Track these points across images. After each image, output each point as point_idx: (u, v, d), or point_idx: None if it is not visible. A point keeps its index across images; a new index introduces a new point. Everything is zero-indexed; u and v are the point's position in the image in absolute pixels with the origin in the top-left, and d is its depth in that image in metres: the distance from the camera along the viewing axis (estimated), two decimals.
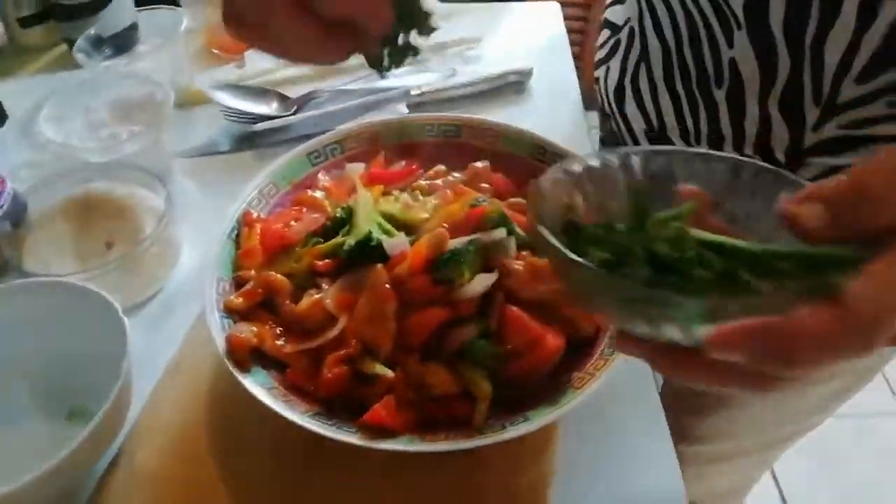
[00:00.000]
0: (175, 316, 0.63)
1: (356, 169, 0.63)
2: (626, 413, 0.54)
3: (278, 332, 0.52)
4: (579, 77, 0.90)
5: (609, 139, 0.76)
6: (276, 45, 0.37)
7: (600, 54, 0.73)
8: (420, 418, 0.48)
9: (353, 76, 0.88)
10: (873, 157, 0.30)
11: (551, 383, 0.50)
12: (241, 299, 0.53)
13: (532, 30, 0.98)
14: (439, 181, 0.62)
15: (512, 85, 0.86)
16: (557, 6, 1.03)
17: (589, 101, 0.85)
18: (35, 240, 0.62)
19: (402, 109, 0.82)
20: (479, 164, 0.63)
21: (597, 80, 0.75)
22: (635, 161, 0.40)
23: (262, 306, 0.54)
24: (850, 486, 1.52)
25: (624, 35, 0.68)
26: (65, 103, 0.72)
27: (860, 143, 0.51)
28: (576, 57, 0.94)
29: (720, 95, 0.57)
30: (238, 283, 0.55)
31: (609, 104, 0.72)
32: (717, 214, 0.38)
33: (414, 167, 0.65)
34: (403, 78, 0.86)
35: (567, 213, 0.39)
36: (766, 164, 0.37)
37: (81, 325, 0.52)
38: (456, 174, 0.64)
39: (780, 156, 0.56)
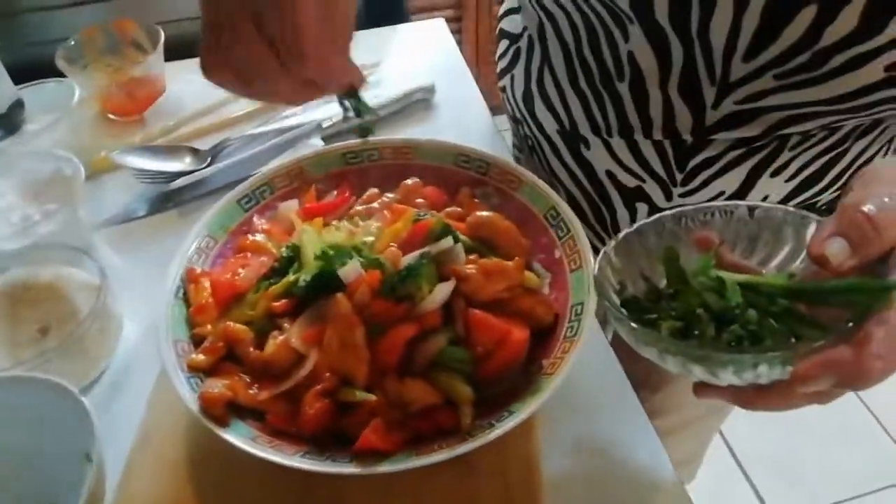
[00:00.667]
0: (127, 390, 0.61)
1: (291, 206, 0.63)
2: (595, 392, 0.57)
3: (247, 381, 0.51)
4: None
5: (522, 143, 0.79)
6: (257, 94, 0.43)
7: (502, 64, 0.76)
8: (409, 435, 0.48)
9: (260, 120, 0.87)
10: (858, 184, 0.36)
11: (524, 375, 0.52)
12: (203, 356, 0.52)
13: (425, 47, 1.01)
14: (375, 204, 0.64)
15: (418, 103, 0.88)
16: (443, 21, 1.06)
17: (493, 106, 0.89)
18: None
19: (317, 143, 0.82)
20: (409, 182, 0.65)
21: (503, 88, 0.78)
22: (648, 227, 0.47)
23: (224, 359, 0.53)
24: (789, 424, 1.62)
25: (524, 43, 0.71)
26: None
27: (756, 115, 0.55)
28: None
29: (623, 88, 0.59)
30: (195, 341, 0.54)
31: (519, 110, 0.74)
32: (734, 254, 0.44)
33: (346, 195, 0.65)
34: (311, 112, 0.86)
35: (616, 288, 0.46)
36: (762, 204, 0.43)
37: (40, 418, 0.50)
38: (389, 195, 0.65)
39: (687, 136, 0.59)
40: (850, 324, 0.35)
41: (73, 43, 0.88)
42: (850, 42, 0.46)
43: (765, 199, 0.61)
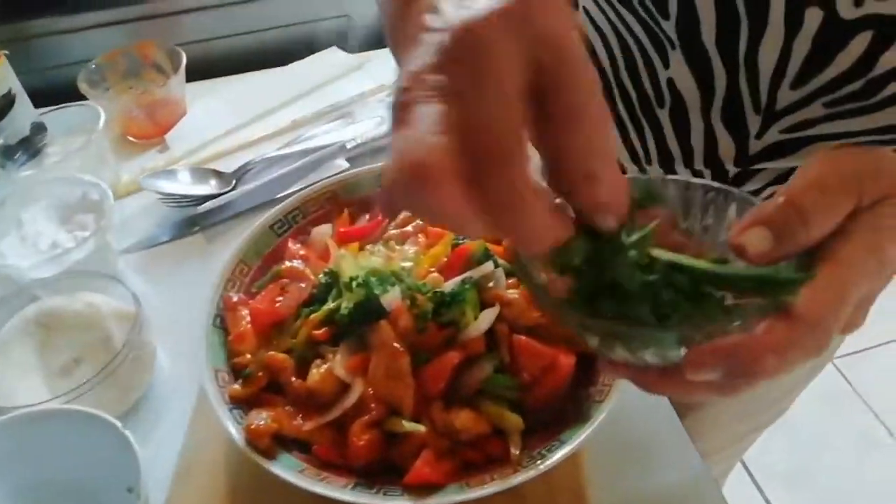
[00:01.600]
0: (164, 419, 0.60)
1: (325, 231, 0.63)
2: (640, 420, 0.56)
3: (290, 411, 0.50)
4: None
5: None
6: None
7: None
8: (458, 464, 0.48)
9: (282, 142, 0.87)
10: (800, 173, 0.33)
11: (571, 403, 0.51)
12: (245, 387, 0.51)
13: None
14: (409, 228, 0.63)
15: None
16: None
17: None
18: None
19: (341, 164, 0.82)
20: None
21: None
22: None
23: (265, 389, 0.52)
24: (800, 435, 1.62)
25: None
26: None
27: (803, 144, 0.53)
28: None
29: (663, 115, 0.58)
30: (234, 371, 0.53)
31: None
32: (677, 231, 0.40)
33: (379, 219, 0.65)
34: (336, 133, 0.86)
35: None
36: (714, 183, 0.40)
37: (82, 451, 0.49)
38: None
39: (730, 166, 0.57)
40: (746, 315, 0.33)
41: (94, 66, 0.88)
42: None
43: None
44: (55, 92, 0.86)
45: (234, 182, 0.80)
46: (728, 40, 0.49)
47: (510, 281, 0.55)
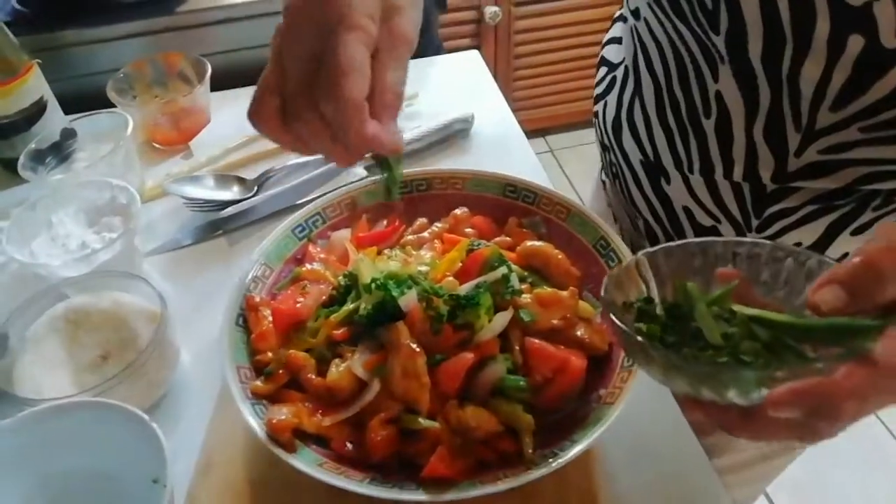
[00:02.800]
0: (185, 415, 0.62)
1: (344, 236, 0.64)
2: (650, 424, 0.57)
3: (310, 407, 0.52)
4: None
5: (608, 169, 0.79)
6: (309, 153, 0.47)
7: (598, 90, 0.77)
8: (472, 462, 0.49)
9: None
10: (878, 235, 0.36)
11: (581, 404, 0.53)
12: (267, 383, 0.53)
13: (460, 79, 1.04)
14: (425, 234, 0.65)
15: (457, 133, 0.90)
16: (477, 53, 1.09)
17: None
18: (24, 366, 0.60)
19: (359, 172, 0.84)
20: (458, 212, 0.66)
21: (595, 114, 0.79)
22: (675, 251, 0.46)
23: (285, 386, 0.54)
24: (811, 448, 1.61)
25: (620, 72, 0.72)
26: (25, 222, 0.70)
27: (840, 167, 0.56)
28: None
29: (709, 126, 0.60)
30: (256, 368, 0.55)
31: (608, 136, 0.75)
32: (755, 293, 0.43)
33: (396, 225, 0.67)
34: None
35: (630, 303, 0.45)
36: (790, 247, 0.43)
37: (109, 442, 0.51)
38: (437, 224, 0.66)
39: (767, 180, 0.59)
40: (825, 359, 0.35)
41: (122, 75, 0.90)
42: None
43: (842, 257, 0.58)
44: (84, 99, 0.89)
45: (255, 188, 0.83)
46: (773, 58, 0.51)
47: (523, 286, 0.57)
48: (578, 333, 0.55)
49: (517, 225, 0.66)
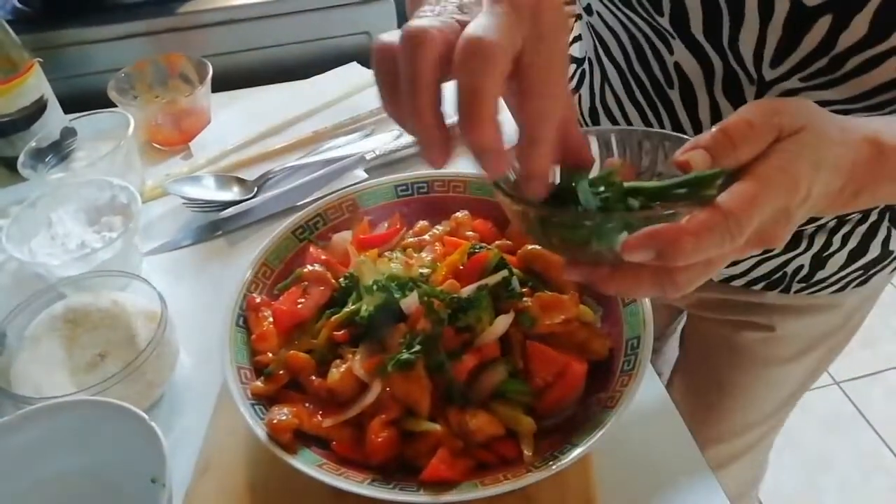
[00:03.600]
0: (184, 415, 0.62)
1: (345, 237, 0.64)
2: (649, 428, 0.57)
3: (310, 408, 0.52)
4: None
5: None
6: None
7: (571, 85, 0.82)
8: (472, 464, 0.49)
9: (302, 152, 0.90)
10: (739, 110, 0.40)
11: (582, 408, 0.53)
12: (267, 384, 0.53)
13: None
14: (426, 236, 0.65)
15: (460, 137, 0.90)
16: None
17: None
18: (22, 365, 0.60)
19: (360, 174, 0.84)
20: (459, 214, 0.66)
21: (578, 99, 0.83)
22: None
23: (285, 386, 0.54)
24: (806, 456, 1.63)
25: (586, 66, 0.77)
26: (24, 220, 0.70)
27: None
28: None
29: (674, 95, 0.65)
30: (256, 369, 0.55)
31: (586, 125, 0.79)
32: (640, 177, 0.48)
33: (397, 227, 0.67)
34: (355, 145, 0.89)
35: None
36: (664, 132, 0.47)
37: (108, 441, 0.51)
38: (438, 227, 0.66)
39: None
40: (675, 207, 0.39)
41: (123, 75, 0.90)
42: (863, 46, 0.50)
43: None
44: (84, 99, 0.89)
45: (255, 189, 0.83)
46: (714, 30, 0.56)
47: (524, 290, 0.57)
48: (579, 337, 0.55)
49: (518, 229, 0.66)
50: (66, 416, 0.52)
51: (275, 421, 0.49)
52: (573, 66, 0.82)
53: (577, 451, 0.47)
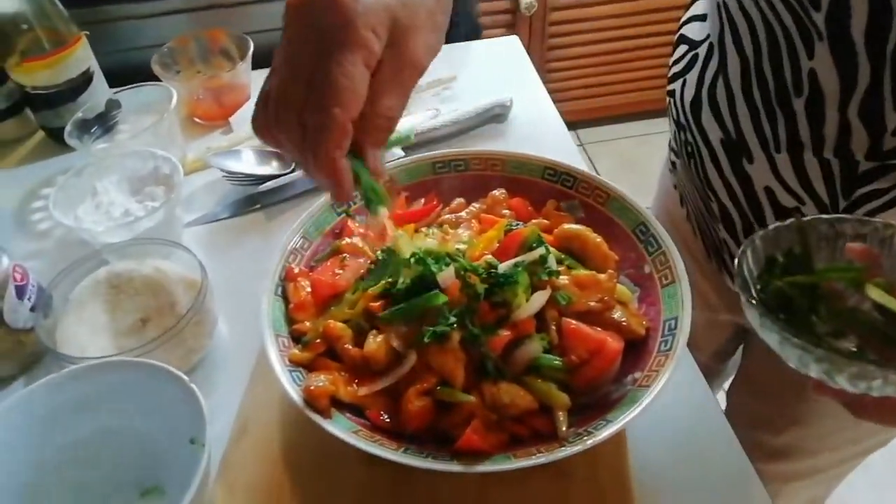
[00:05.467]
0: (220, 383, 0.63)
1: (382, 213, 0.65)
2: (683, 409, 0.57)
3: (346, 377, 0.53)
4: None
5: (681, 149, 0.77)
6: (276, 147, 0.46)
7: (676, 69, 0.75)
8: (505, 437, 0.49)
9: None
10: None
11: (617, 387, 0.53)
12: (305, 351, 0.53)
13: (498, 64, 1.03)
14: (462, 213, 0.65)
15: (494, 118, 0.90)
16: (517, 39, 1.08)
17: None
18: (67, 327, 0.61)
19: (397, 152, 0.84)
20: (496, 192, 0.66)
21: (671, 93, 0.76)
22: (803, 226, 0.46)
23: (322, 355, 0.55)
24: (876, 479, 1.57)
25: (702, 50, 0.69)
26: (71, 188, 0.72)
27: None
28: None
29: (799, 105, 0.57)
30: (294, 337, 0.56)
31: (684, 115, 0.73)
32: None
33: (434, 203, 0.67)
34: None
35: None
36: None
37: (148, 401, 0.52)
38: (475, 205, 0.66)
39: (860, 157, 0.57)
40: None
41: (166, 49, 0.92)
42: None
43: None
44: (127, 73, 0.90)
45: (293, 165, 0.83)
46: (878, 35, 0.49)
47: (560, 268, 0.57)
48: (615, 316, 0.55)
49: (555, 208, 0.66)
50: (109, 376, 0.53)
51: (312, 387, 0.49)
52: (684, 48, 0.73)
53: (611, 428, 0.47)
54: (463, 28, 1.12)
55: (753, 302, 0.41)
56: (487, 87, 0.95)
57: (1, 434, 0.50)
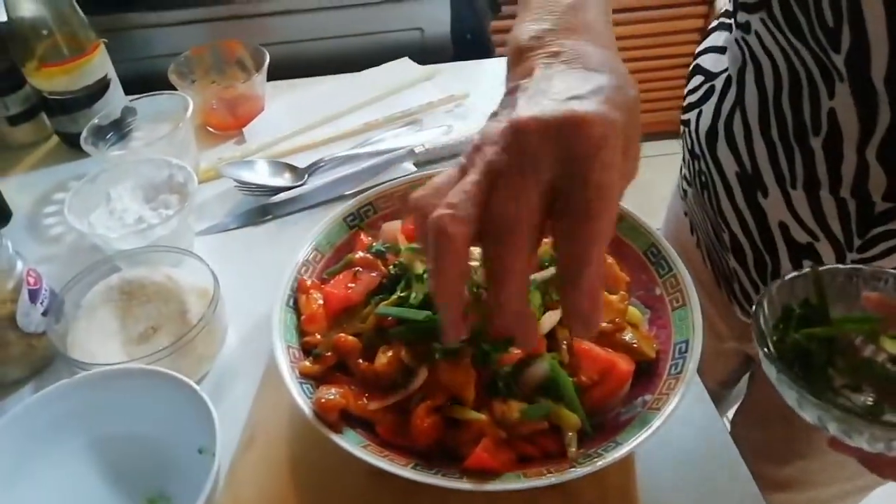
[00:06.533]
0: (229, 393, 0.63)
1: (394, 227, 0.65)
2: (691, 433, 0.57)
3: (356, 391, 0.53)
4: None
5: (694, 178, 0.77)
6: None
7: (691, 98, 0.75)
8: (514, 456, 0.49)
9: (352, 143, 0.91)
10: None
11: (626, 409, 0.53)
12: (315, 364, 0.53)
13: None
14: None
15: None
16: None
17: None
18: (78, 332, 0.62)
19: (409, 167, 0.85)
20: None
21: (685, 122, 0.76)
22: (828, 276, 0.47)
23: (332, 368, 0.55)
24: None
25: (719, 82, 0.69)
26: (85, 194, 0.72)
27: None
28: None
29: (816, 144, 0.57)
30: (304, 349, 0.56)
31: (699, 145, 0.73)
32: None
33: None
34: (404, 138, 0.89)
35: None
36: None
37: (157, 409, 0.52)
38: None
39: (877, 198, 0.57)
40: None
41: (183, 59, 0.93)
42: None
43: None
44: (143, 81, 0.91)
45: (305, 177, 0.84)
46: None
47: None
48: (626, 338, 0.55)
49: None
50: (119, 382, 0.53)
51: (322, 400, 0.49)
52: (700, 79, 0.73)
53: (622, 450, 0.47)
54: (480, 53, 1.13)
55: (770, 355, 0.42)
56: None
57: (10, 440, 0.50)
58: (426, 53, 1.09)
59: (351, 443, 0.48)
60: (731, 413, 0.97)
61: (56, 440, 0.52)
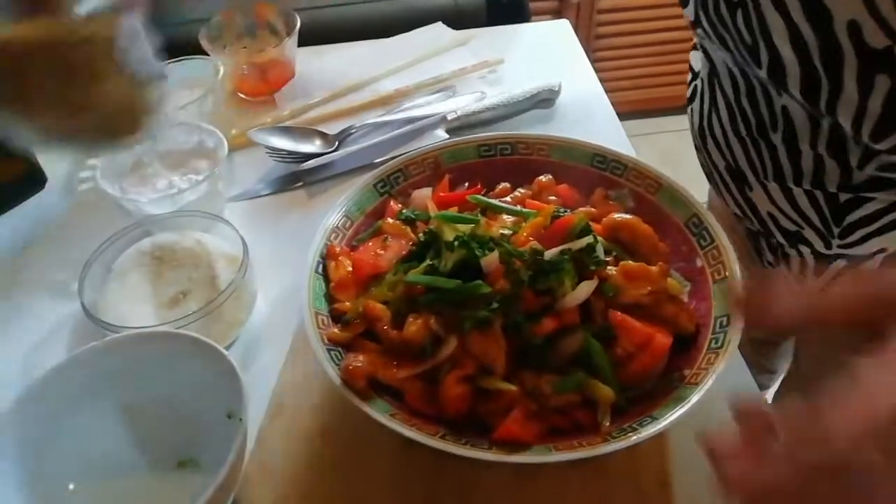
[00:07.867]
0: (257, 360, 0.63)
1: (425, 194, 0.64)
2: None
3: (385, 359, 0.52)
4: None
5: (703, 168, 0.78)
6: None
7: (688, 93, 0.77)
8: (545, 428, 0.48)
9: (384, 110, 0.89)
10: None
11: (663, 383, 0.51)
12: (344, 331, 0.53)
13: (548, 47, 1.01)
14: (507, 198, 0.64)
15: (541, 102, 0.88)
16: (567, 23, 1.06)
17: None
18: (108, 295, 0.62)
19: (441, 135, 0.83)
20: (543, 178, 0.64)
21: (690, 113, 0.78)
22: None
23: (361, 335, 0.54)
24: None
25: (699, 83, 0.72)
26: (116, 159, 0.72)
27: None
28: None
29: (777, 138, 0.61)
30: (333, 316, 0.55)
31: (698, 140, 0.75)
32: None
33: (478, 187, 0.65)
34: (436, 105, 0.87)
35: None
36: None
37: (186, 374, 0.52)
38: (520, 189, 0.65)
39: (833, 189, 0.59)
40: None
41: (213, 23, 0.91)
42: None
43: None
44: (172, 46, 0.90)
45: (336, 143, 0.83)
46: (812, 93, 0.52)
47: (608, 259, 0.55)
48: (665, 311, 0.53)
49: (603, 197, 0.64)
50: (149, 346, 0.53)
51: (350, 367, 0.49)
52: (690, 76, 0.76)
53: (657, 426, 0.45)
54: (511, 10, 1.10)
55: None
56: (535, 71, 0.93)
57: (42, 402, 0.51)
58: (460, 18, 1.06)
59: (379, 411, 0.47)
60: (772, 390, 0.95)
61: (87, 403, 0.53)
